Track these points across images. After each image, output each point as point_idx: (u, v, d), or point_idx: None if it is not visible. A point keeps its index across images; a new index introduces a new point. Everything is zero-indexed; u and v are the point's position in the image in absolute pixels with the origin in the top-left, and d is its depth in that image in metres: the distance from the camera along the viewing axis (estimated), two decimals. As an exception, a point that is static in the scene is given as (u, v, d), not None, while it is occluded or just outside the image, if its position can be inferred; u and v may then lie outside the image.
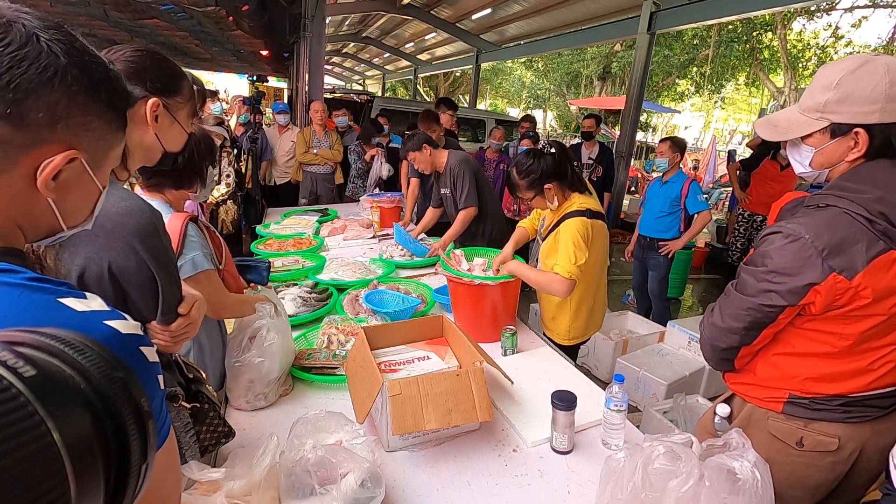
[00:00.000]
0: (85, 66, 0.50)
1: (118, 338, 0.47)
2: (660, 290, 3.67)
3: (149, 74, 0.95)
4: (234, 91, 13.67)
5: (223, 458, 1.11)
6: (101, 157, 0.55)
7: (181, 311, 0.96)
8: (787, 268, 1.04)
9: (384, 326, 1.57)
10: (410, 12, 10.01)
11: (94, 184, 0.56)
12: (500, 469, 1.22)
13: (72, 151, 0.50)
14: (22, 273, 0.46)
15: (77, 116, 0.50)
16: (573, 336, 2.06)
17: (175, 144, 1.04)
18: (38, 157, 0.49)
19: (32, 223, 0.53)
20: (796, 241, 1.03)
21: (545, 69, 19.43)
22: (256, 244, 2.91)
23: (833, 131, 1.06)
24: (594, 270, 1.98)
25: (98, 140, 0.53)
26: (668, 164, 3.48)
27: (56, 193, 0.51)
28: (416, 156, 2.96)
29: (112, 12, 5.14)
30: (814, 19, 13.90)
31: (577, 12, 7.92)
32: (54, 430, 0.27)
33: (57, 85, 0.47)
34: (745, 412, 1.27)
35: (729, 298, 1.18)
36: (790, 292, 1.05)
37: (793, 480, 1.21)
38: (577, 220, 1.85)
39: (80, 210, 0.57)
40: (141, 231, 0.86)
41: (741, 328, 1.15)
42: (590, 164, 4.89)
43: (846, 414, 1.13)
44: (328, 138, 4.75)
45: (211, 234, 1.42)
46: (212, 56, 9.54)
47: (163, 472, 0.55)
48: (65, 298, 0.46)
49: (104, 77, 0.53)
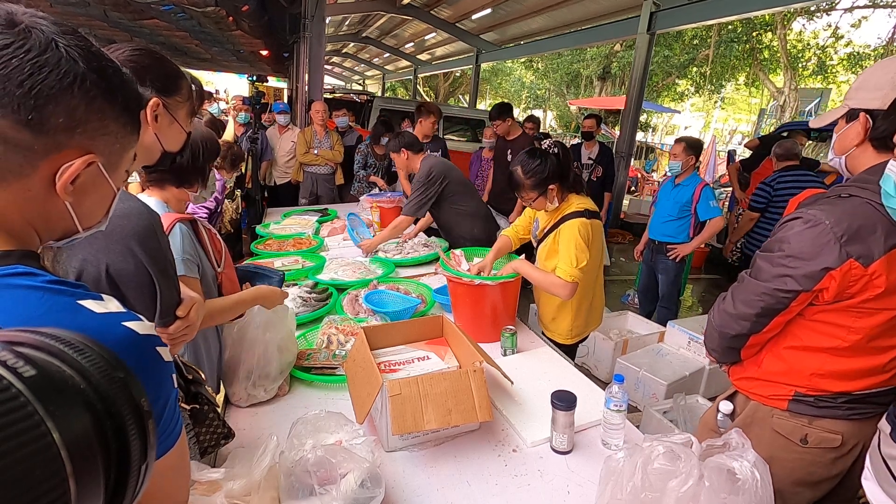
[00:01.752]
0: (102, 72, 0.51)
1: (136, 339, 0.48)
2: (670, 294, 3.56)
3: (148, 74, 0.95)
4: (234, 91, 13.67)
5: (223, 459, 1.11)
6: (116, 160, 0.56)
7: (179, 313, 0.96)
8: (804, 252, 1.06)
9: (384, 326, 1.57)
10: (410, 12, 10.01)
11: (109, 186, 0.56)
12: (500, 469, 1.22)
13: (90, 156, 0.51)
14: (42, 276, 0.47)
15: (95, 121, 0.50)
16: (575, 334, 2.07)
17: (174, 144, 1.03)
18: (56, 161, 0.49)
19: (49, 225, 0.53)
20: (816, 227, 1.05)
21: (545, 69, 19.42)
22: (256, 244, 2.91)
23: (849, 116, 1.12)
24: (592, 268, 1.98)
25: (114, 143, 0.54)
26: (681, 168, 3.32)
27: (73, 197, 0.52)
28: (395, 157, 3.04)
29: (112, 13, 5.14)
30: (814, 19, 13.90)
31: (577, 12, 7.92)
32: (54, 430, 0.27)
33: (77, 91, 0.48)
34: (748, 409, 1.27)
35: (742, 285, 1.19)
36: (806, 276, 1.06)
37: (795, 477, 1.21)
38: (577, 221, 1.84)
39: (95, 212, 0.58)
40: (139, 233, 0.86)
41: (752, 314, 1.15)
42: (590, 164, 4.88)
43: (850, 411, 1.14)
44: (329, 139, 4.74)
45: (211, 237, 1.41)
46: (212, 56, 9.54)
47: (175, 474, 0.55)
48: (84, 301, 0.47)
49: (120, 81, 0.53)
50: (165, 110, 0.98)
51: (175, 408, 0.54)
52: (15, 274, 0.46)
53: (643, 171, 11.37)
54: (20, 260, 0.48)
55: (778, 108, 14.77)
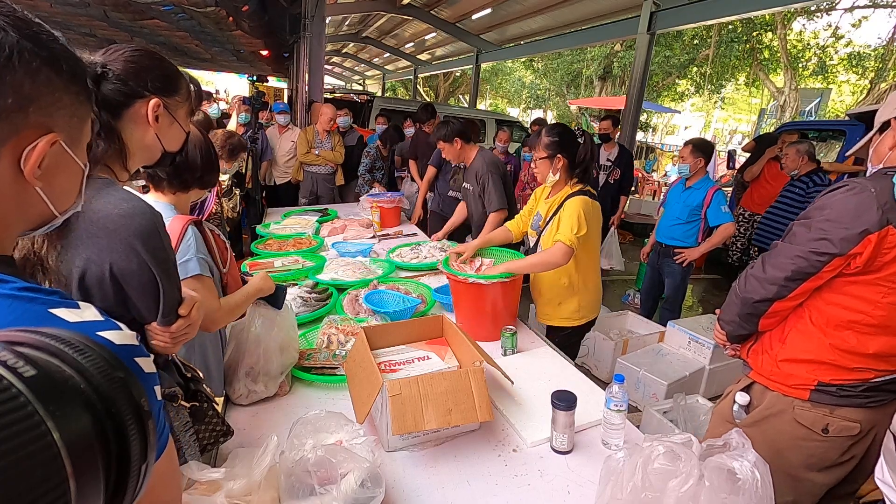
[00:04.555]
0: (37, 39, 0.47)
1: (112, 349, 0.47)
2: (675, 297, 3.50)
3: (149, 74, 0.96)
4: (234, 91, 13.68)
5: (223, 458, 1.11)
6: (76, 135, 0.54)
7: (181, 312, 0.96)
8: (845, 215, 1.10)
9: (384, 326, 1.57)
10: (410, 12, 10.01)
11: (76, 163, 0.54)
12: (500, 469, 1.22)
13: (52, 135, 0.49)
14: (12, 283, 0.45)
15: (46, 95, 0.48)
16: (583, 315, 2.13)
17: (174, 144, 1.04)
18: (17, 145, 0.47)
19: (23, 215, 0.52)
20: (862, 193, 1.09)
21: (545, 69, 19.42)
22: (256, 244, 2.91)
23: (881, 128, 1.18)
24: (593, 247, 2.09)
25: (71, 117, 0.52)
26: (689, 171, 3.22)
27: (43, 181, 0.50)
28: (446, 146, 3.04)
29: (112, 13, 5.14)
30: (814, 19, 13.89)
31: (578, 12, 7.92)
32: (54, 430, 0.27)
33: (17, 65, 0.44)
34: (768, 401, 1.29)
35: (776, 250, 1.22)
36: (843, 239, 1.09)
37: (811, 462, 1.24)
38: (580, 198, 1.96)
39: (67, 192, 0.56)
40: (143, 233, 0.86)
41: (783, 277, 1.18)
42: (608, 165, 4.68)
43: (867, 399, 1.17)
44: (330, 139, 4.75)
45: (216, 239, 1.42)
46: (212, 56, 9.54)
47: (164, 480, 0.55)
48: (56, 309, 0.45)
49: (59, 47, 0.49)
50: (166, 111, 0.98)
51: (161, 418, 0.53)
52: None
53: (643, 171, 11.36)
54: None
55: (778, 108, 14.77)
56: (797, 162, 3.98)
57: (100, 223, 0.83)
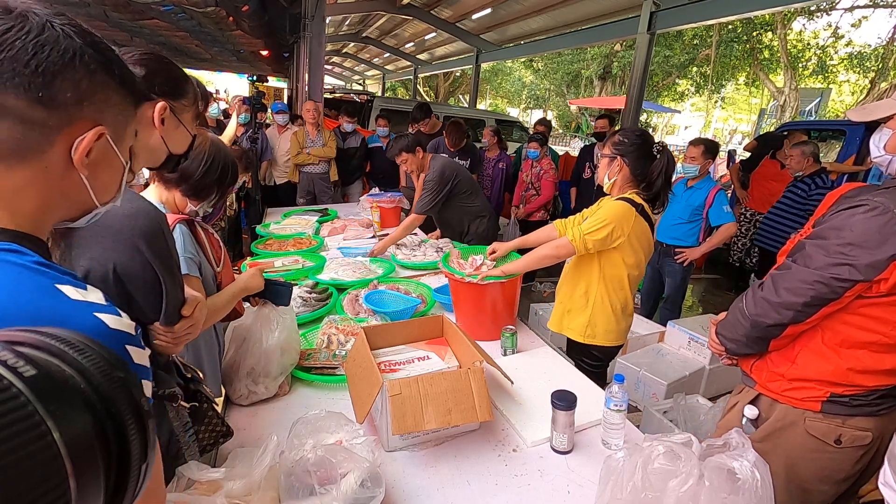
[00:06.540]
0: (97, 46, 0.54)
1: (104, 331, 0.47)
2: (675, 297, 3.49)
3: (157, 78, 0.97)
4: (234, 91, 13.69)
5: (223, 458, 1.11)
6: (121, 133, 0.58)
7: (184, 312, 0.96)
8: (869, 241, 1.01)
9: (384, 326, 1.57)
10: (410, 12, 10.00)
11: (118, 159, 0.59)
12: (500, 469, 1.22)
13: (100, 128, 0.54)
14: (31, 256, 0.48)
15: (99, 93, 0.54)
16: (592, 334, 1.91)
17: (179, 146, 1.05)
18: (70, 135, 0.52)
19: (66, 201, 0.56)
20: (884, 215, 1.00)
21: (545, 69, 19.43)
22: (256, 244, 2.91)
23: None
24: (630, 266, 1.82)
25: (118, 115, 0.57)
26: (698, 172, 3.19)
27: (88, 170, 0.54)
28: (409, 157, 3.08)
29: (112, 13, 5.15)
30: (814, 19, 13.90)
31: (577, 12, 7.91)
32: (54, 429, 0.27)
33: (78, 65, 0.51)
34: (778, 413, 1.24)
35: (789, 272, 1.14)
36: (868, 266, 1.02)
37: (823, 475, 1.20)
38: (620, 203, 1.73)
39: (109, 186, 0.60)
40: (147, 233, 0.87)
41: (800, 303, 1.10)
42: None
43: (878, 406, 1.14)
44: (321, 137, 4.78)
45: (209, 238, 1.41)
46: (212, 56, 9.55)
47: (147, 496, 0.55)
48: (62, 285, 0.47)
49: (114, 56, 0.56)
50: (172, 114, 0.99)
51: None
52: (5, 250, 0.47)
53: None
54: (16, 239, 0.49)
55: (778, 108, 14.78)
56: (802, 163, 3.98)
57: (104, 223, 0.83)
